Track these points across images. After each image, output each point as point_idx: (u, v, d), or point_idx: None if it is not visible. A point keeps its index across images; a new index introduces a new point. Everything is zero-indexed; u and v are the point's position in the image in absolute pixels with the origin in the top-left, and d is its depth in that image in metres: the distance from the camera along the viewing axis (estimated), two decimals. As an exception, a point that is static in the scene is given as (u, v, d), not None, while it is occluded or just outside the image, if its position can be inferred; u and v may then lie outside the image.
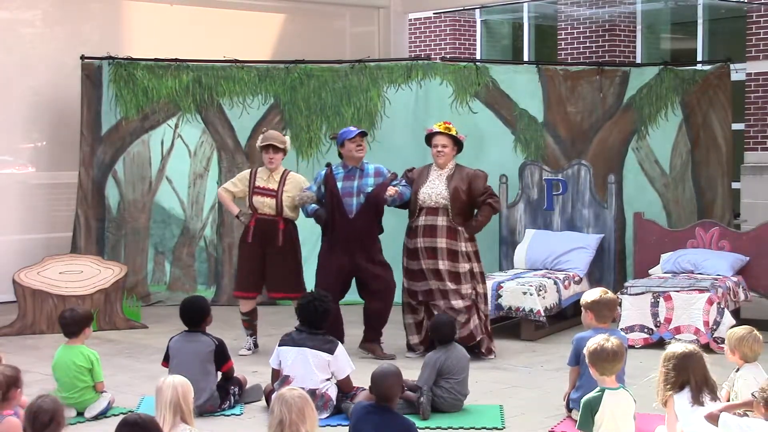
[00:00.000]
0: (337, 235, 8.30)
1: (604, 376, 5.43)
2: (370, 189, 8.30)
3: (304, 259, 8.84)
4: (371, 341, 8.44)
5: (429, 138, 8.38)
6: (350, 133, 8.34)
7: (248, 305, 8.64)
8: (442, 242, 8.20)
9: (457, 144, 8.33)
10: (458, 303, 8.17)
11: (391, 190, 8.24)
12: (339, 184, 8.31)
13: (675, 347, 5.50)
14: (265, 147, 8.52)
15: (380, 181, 8.34)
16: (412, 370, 7.11)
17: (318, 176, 8.49)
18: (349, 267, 8.33)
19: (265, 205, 8.47)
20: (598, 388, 5.43)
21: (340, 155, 8.48)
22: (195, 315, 6.93)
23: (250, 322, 8.68)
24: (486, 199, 8.30)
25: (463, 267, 8.23)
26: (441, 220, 8.23)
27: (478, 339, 8.27)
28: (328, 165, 8.49)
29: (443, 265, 8.20)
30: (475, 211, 8.39)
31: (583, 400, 5.42)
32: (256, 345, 8.66)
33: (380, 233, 8.47)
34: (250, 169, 8.82)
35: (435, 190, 8.24)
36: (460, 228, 8.25)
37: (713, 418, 4.94)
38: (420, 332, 8.40)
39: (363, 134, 8.41)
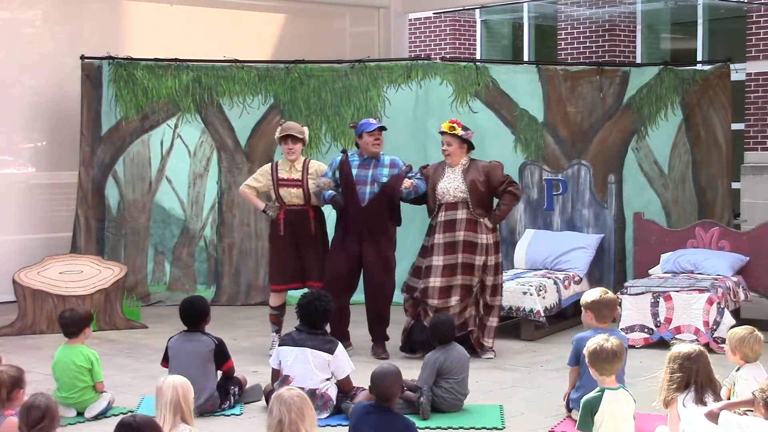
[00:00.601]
0: (348, 223, 8.33)
1: (603, 376, 5.43)
2: (384, 179, 8.30)
3: None
4: (374, 341, 8.46)
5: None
6: (369, 126, 8.35)
7: (279, 299, 8.58)
8: (460, 235, 8.19)
9: (465, 141, 8.33)
10: (455, 298, 8.17)
11: (406, 182, 8.25)
12: (354, 171, 8.32)
13: (681, 347, 5.50)
14: (284, 137, 8.51)
15: (395, 173, 8.35)
16: (412, 370, 7.12)
17: (333, 162, 8.49)
18: (357, 255, 8.33)
19: (293, 195, 8.44)
20: (597, 388, 5.42)
21: (357, 145, 8.50)
22: (195, 315, 6.92)
23: (278, 317, 8.60)
24: (506, 187, 8.29)
25: (479, 259, 8.21)
26: (461, 213, 8.21)
27: (469, 330, 8.24)
28: (344, 151, 8.52)
29: (459, 258, 8.18)
30: (495, 201, 8.39)
31: (582, 400, 5.41)
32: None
33: (397, 225, 8.49)
34: (269, 164, 8.78)
35: (452, 184, 8.23)
36: (481, 219, 8.23)
37: (713, 416, 4.93)
38: (403, 332, 8.43)
39: (382, 128, 8.40)
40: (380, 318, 8.47)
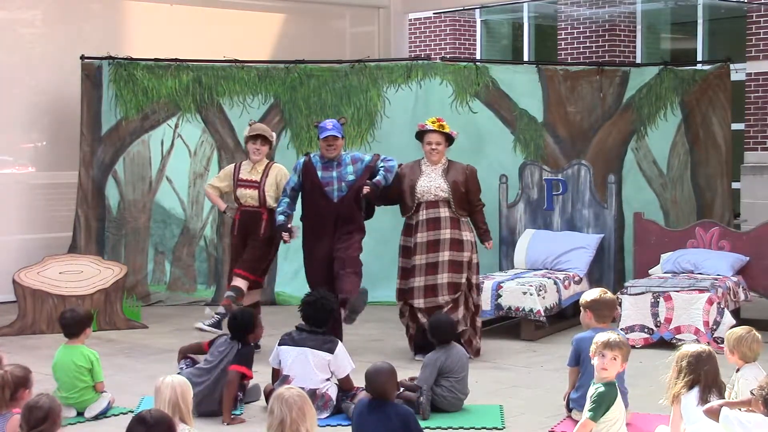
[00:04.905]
0: (318, 222, 8.26)
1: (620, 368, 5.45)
2: (350, 176, 8.26)
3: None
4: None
5: (420, 134, 8.36)
6: (323, 132, 8.27)
7: (248, 299, 8.51)
8: (446, 233, 8.18)
9: (449, 139, 8.33)
10: (445, 297, 8.13)
11: (365, 189, 8.15)
12: (319, 174, 8.29)
13: (689, 347, 5.51)
14: (253, 137, 8.54)
15: (360, 167, 8.30)
16: (411, 370, 7.12)
17: (297, 165, 8.46)
18: (329, 253, 8.24)
19: (248, 196, 8.53)
20: (608, 383, 5.39)
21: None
22: (239, 328, 6.84)
23: (231, 300, 8.45)
24: (480, 207, 8.36)
25: (466, 256, 8.21)
26: (444, 212, 8.19)
27: (460, 330, 8.16)
28: (307, 154, 8.52)
29: (445, 256, 8.15)
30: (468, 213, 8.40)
31: (600, 392, 5.33)
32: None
33: (368, 218, 8.43)
34: (233, 164, 8.87)
35: (434, 183, 8.22)
36: (463, 219, 8.24)
37: (713, 413, 4.94)
38: (407, 331, 8.39)
39: (335, 137, 8.25)
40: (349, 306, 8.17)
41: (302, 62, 11.50)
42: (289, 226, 8.33)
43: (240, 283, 8.48)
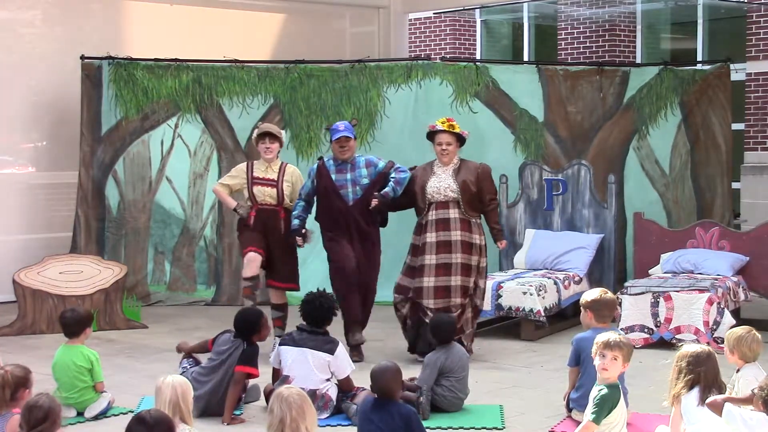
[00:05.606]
0: (335, 225, 8.29)
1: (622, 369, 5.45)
2: (365, 180, 8.28)
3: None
4: (352, 347, 8.24)
5: (431, 134, 8.34)
6: (335, 134, 8.29)
7: (252, 267, 8.34)
8: (456, 235, 8.12)
9: (460, 139, 8.30)
10: (456, 300, 8.10)
11: (373, 202, 8.17)
12: (333, 176, 8.30)
13: (689, 347, 5.51)
14: (261, 135, 8.52)
15: (373, 172, 8.31)
16: (411, 370, 7.11)
17: (311, 171, 8.47)
18: (354, 257, 8.25)
19: (266, 194, 8.46)
20: (611, 384, 5.39)
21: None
22: (244, 327, 6.82)
23: (252, 289, 8.41)
24: (493, 206, 8.31)
25: (474, 260, 8.18)
26: (453, 213, 8.14)
27: (467, 332, 8.18)
28: (320, 159, 8.52)
29: (458, 258, 8.11)
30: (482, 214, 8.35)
31: (603, 394, 5.33)
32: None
33: (381, 226, 8.45)
34: (245, 162, 8.81)
35: (443, 183, 8.17)
36: (473, 220, 8.21)
37: (716, 407, 4.95)
38: (404, 326, 8.35)
39: (348, 138, 8.27)
40: (362, 319, 8.41)
41: (302, 62, 11.50)
42: (303, 231, 8.34)
43: (282, 300, 8.55)
